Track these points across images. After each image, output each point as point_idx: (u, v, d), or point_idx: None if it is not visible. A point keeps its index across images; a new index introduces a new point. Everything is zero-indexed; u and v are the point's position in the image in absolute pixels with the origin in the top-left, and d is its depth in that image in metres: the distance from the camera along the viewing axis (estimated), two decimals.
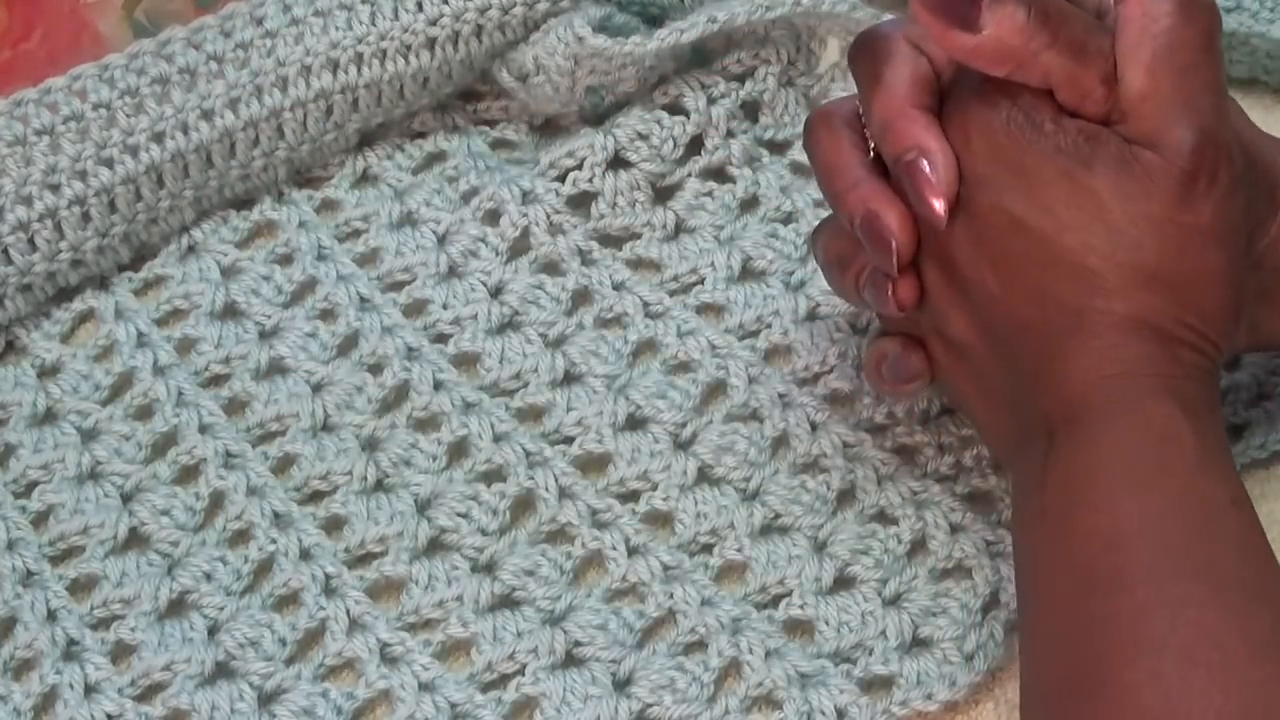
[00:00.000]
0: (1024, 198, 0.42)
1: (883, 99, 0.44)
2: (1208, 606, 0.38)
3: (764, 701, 0.47)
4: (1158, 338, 0.41)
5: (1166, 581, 0.39)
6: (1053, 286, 0.42)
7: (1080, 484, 0.41)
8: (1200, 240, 0.42)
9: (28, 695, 0.48)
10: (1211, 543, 0.40)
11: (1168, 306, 0.42)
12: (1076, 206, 0.42)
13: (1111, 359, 0.41)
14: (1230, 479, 0.41)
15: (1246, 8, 0.59)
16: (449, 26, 0.57)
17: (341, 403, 0.54)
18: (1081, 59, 0.42)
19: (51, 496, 0.52)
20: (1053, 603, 0.41)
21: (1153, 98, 0.42)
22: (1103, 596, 0.39)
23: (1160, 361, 0.41)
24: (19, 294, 0.55)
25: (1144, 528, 0.40)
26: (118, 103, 0.55)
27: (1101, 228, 0.41)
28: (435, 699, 0.47)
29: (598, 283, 0.56)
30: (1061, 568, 0.41)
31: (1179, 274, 0.42)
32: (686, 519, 0.51)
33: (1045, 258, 0.42)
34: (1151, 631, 0.38)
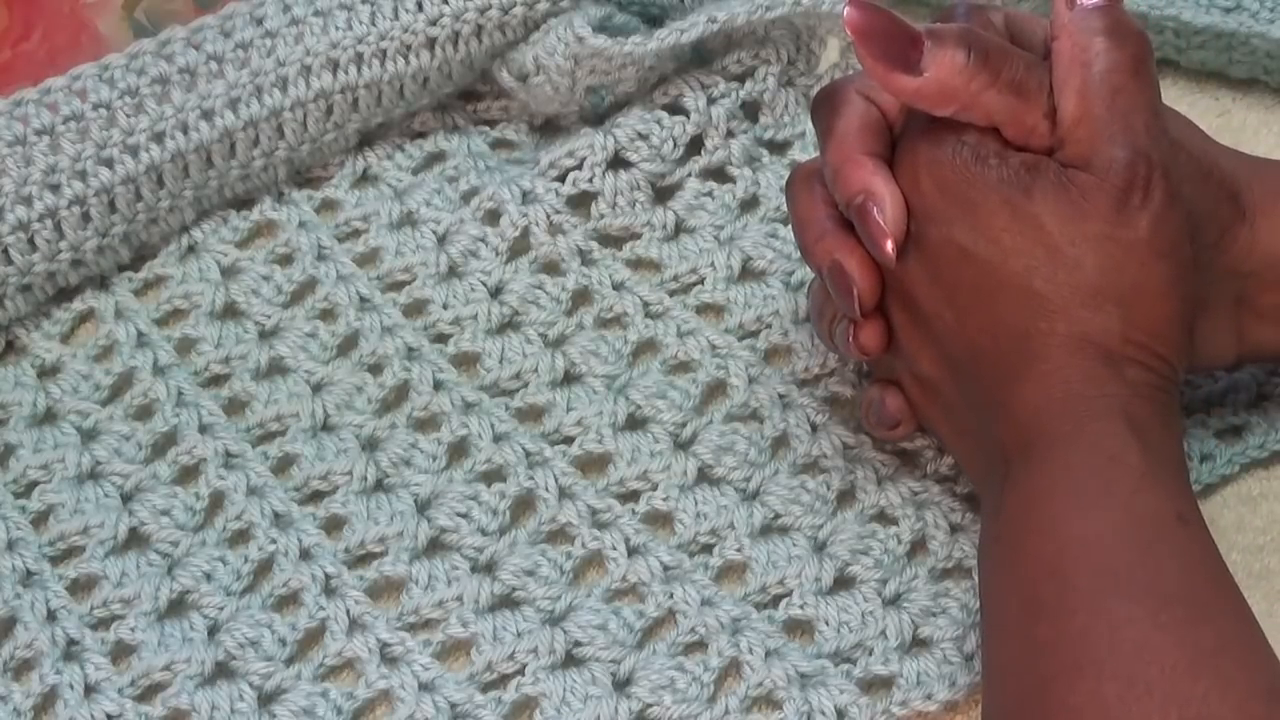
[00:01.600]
0: (970, 229, 0.43)
1: (834, 148, 0.46)
2: (1148, 624, 0.39)
3: (764, 701, 0.47)
4: (1104, 357, 0.42)
5: (1108, 602, 0.39)
6: (1001, 313, 0.43)
7: (1030, 509, 0.42)
8: (1139, 254, 0.42)
9: (28, 695, 0.48)
10: (1155, 560, 0.40)
11: (1112, 323, 0.42)
12: (1019, 233, 0.43)
13: (1058, 381, 0.42)
14: (1178, 495, 0.42)
15: (1246, 8, 0.59)
16: (449, 26, 0.57)
17: (341, 403, 0.54)
18: (1023, 96, 0.43)
19: (51, 496, 0.52)
20: (1004, 628, 0.42)
21: (1085, 121, 0.43)
22: (1047, 621, 0.40)
23: (1106, 381, 0.42)
24: (19, 294, 0.55)
25: (1087, 550, 0.40)
26: (118, 103, 0.55)
27: (1042, 250, 0.43)
28: (435, 699, 0.47)
29: (598, 283, 0.56)
30: (1011, 593, 0.42)
31: (1121, 289, 0.42)
32: (686, 519, 0.51)
33: (993, 285, 0.43)
34: (1092, 654, 0.39)
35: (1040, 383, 0.42)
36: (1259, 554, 0.50)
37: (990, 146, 0.44)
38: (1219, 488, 0.51)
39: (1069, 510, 0.41)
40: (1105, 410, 0.42)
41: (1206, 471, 0.51)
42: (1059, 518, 0.41)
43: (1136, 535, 0.41)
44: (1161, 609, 0.39)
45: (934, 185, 0.44)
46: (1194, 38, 0.59)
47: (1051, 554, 0.41)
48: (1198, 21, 0.59)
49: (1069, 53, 0.43)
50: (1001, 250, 0.43)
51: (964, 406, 0.45)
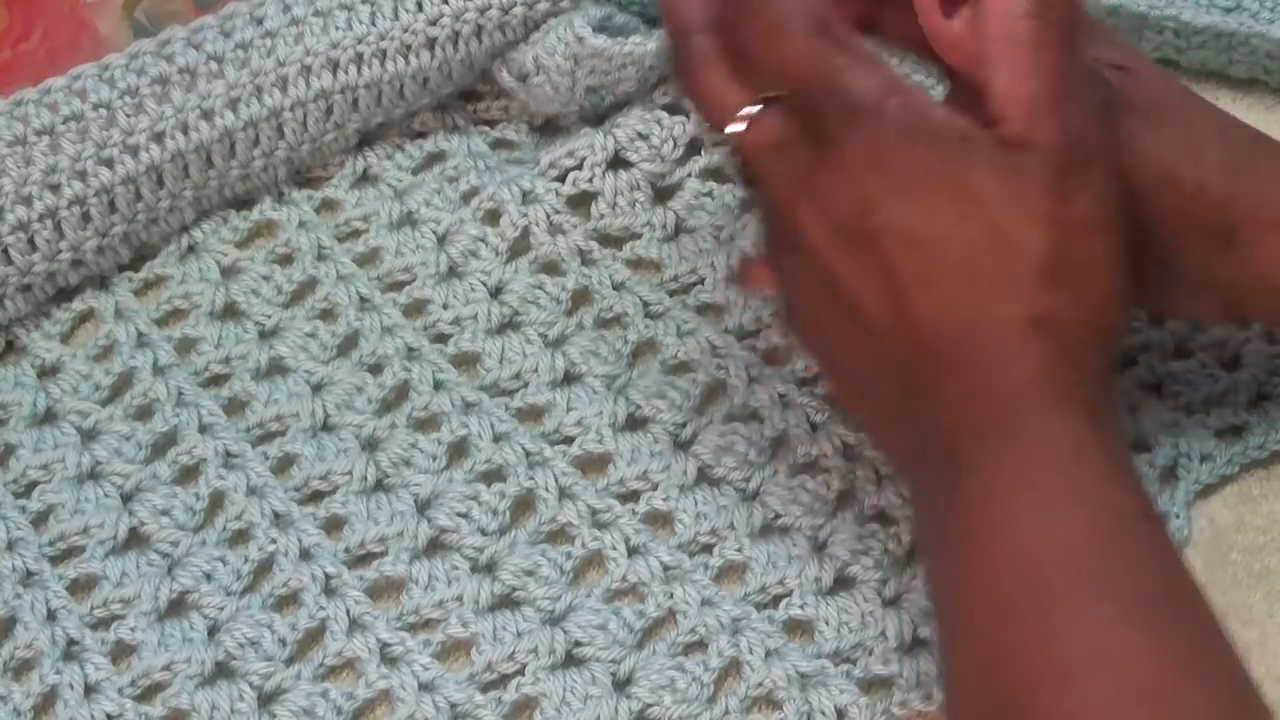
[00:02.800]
0: (911, 212, 0.41)
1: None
2: (1130, 626, 0.38)
3: (764, 701, 0.47)
4: (1057, 340, 0.41)
5: (1086, 603, 0.39)
6: (947, 300, 0.41)
7: (992, 507, 0.41)
8: (1080, 232, 0.41)
9: (28, 695, 0.48)
10: (1127, 560, 0.40)
11: (1062, 304, 0.41)
12: (961, 213, 0.41)
13: (1014, 369, 0.41)
14: (1138, 489, 0.41)
15: (1246, 8, 0.59)
16: (449, 26, 0.57)
17: (341, 403, 0.54)
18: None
19: (51, 496, 0.52)
20: (973, 630, 0.40)
21: (1018, 99, 0.42)
22: (1024, 622, 0.39)
23: (1061, 366, 0.41)
24: (19, 294, 0.55)
25: (1059, 550, 0.40)
26: (118, 103, 0.55)
27: (988, 231, 0.41)
28: (435, 699, 0.47)
29: (598, 283, 0.56)
30: (980, 593, 0.40)
31: (1066, 267, 0.41)
32: (686, 519, 0.51)
33: (938, 270, 0.41)
34: (1077, 657, 0.38)
35: (994, 371, 0.41)
36: (1259, 554, 0.50)
37: (924, 121, 0.42)
38: (1219, 488, 0.51)
39: (1036, 508, 0.40)
40: (1061, 399, 0.40)
41: (1206, 472, 0.51)
42: (1026, 516, 0.40)
43: (1107, 535, 0.40)
44: (1142, 611, 0.39)
45: (868, 170, 0.42)
46: (1194, 38, 0.59)
47: (1022, 554, 0.40)
48: (1198, 21, 0.59)
49: (997, 27, 0.42)
50: (948, 232, 0.41)
51: (898, 400, 0.43)
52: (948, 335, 0.41)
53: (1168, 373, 0.53)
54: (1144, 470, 0.51)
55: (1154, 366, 0.53)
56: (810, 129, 0.42)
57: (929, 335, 0.41)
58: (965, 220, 0.41)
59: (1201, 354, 0.53)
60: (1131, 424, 0.52)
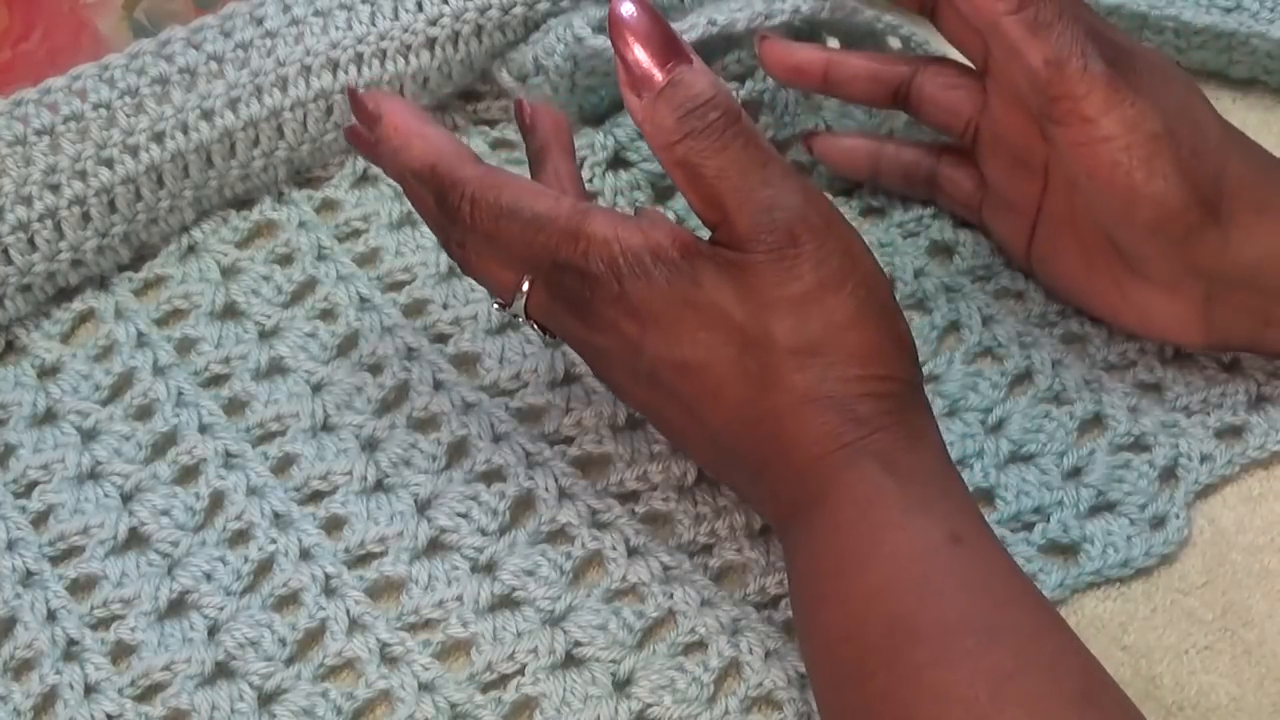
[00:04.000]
0: (671, 341, 0.43)
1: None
2: (941, 664, 0.39)
3: (764, 701, 0.47)
4: (833, 407, 0.42)
5: (900, 653, 0.40)
6: (733, 405, 0.43)
7: (811, 580, 0.43)
8: (815, 300, 0.43)
9: (28, 695, 0.48)
10: (934, 596, 0.40)
11: (824, 372, 0.42)
12: (709, 327, 0.43)
13: (801, 447, 0.43)
14: (948, 514, 0.42)
15: (1246, 8, 0.60)
16: (449, 26, 0.57)
17: (341, 403, 0.54)
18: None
19: (51, 496, 0.52)
20: (821, 701, 0.43)
21: (713, 213, 0.43)
22: (853, 688, 0.40)
23: (843, 429, 0.42)
24: (19, 294, 0.55)
25: (869, 606, 0.41)
26: (118, 103, 0.55)
27: (735, 335, 0.43)
28: (435, 699, 0.47)
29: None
30: (818, 666, 0.42)
31: (814, 339, 0.43)
32: (686, 519, 0.51)
33: (715, 383, 0.43)
34: (900, 710, 0.39)
35: (786, 455, 0.43)
36: (1259, 554, 0.50)
37: (644, 258, 0.43)
38: (1219, 488, 0.51)
39: (846, 571, 0.41)
40: (851, 459, 0.42)
41: (1206, 472, 0.51)
42: (838, 581, 0.42)
43: (912, 575, 0.41)
44: (951, 643, 0.39)
45: (620, 318, 0.44)
46: (1194, 38, 0.59)
47: (841, 619, 0.41)
48: (1198, 21, 0.59)
49: (660, 156, 0.43)
50: (705, 349, 0.43)
51: (743, 486, 0.47)
52: (740, 434, 0.43)
53: (1167, 374, 0.53)
54: (1144, 470, 0.51)
55: (1154, 366, 0.53)
56: (563, 300, 0.45)
57: (728, 439, 0.44)
58: (712, 330, 0.43)
59: (1201, 354, 0.53)
60: (1131, 424, 0.52)
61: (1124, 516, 0.50)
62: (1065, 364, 0.54)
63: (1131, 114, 0.46)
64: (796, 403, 0.42)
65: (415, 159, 0.46)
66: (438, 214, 0.46)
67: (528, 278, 0.45)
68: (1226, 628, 0.49)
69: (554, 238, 0.44)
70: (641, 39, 0.43)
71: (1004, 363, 0.54)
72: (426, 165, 0.46)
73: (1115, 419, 0.52)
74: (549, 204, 0.44)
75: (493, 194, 0.45)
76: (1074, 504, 0.51)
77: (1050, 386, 0.53)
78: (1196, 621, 0.49)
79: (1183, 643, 0.49)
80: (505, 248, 0.45)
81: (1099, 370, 0.53)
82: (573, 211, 0.44)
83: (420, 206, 0.47)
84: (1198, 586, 0.50)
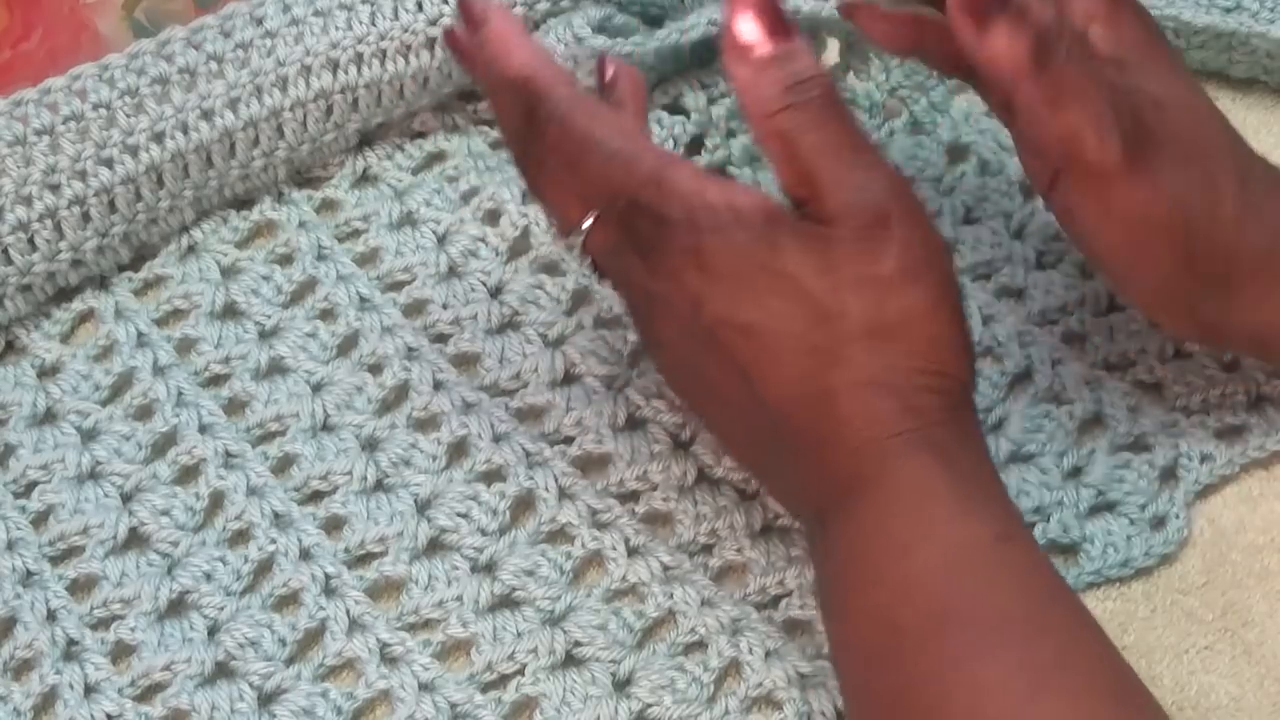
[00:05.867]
0: (738, 301, 0.43)
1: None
2: (983, 654, 0.39)
3: (764, 702, 0.47)
4: (892, 394, 0.42)
5: (942, 641, 0.40)
6: (788, 377, 0.43)
7: (853, 563, 0.42)
8: (892, 286, 0.42)
9: (28, 695, 0.48)
10: (981, 588, 0.40)
11: (890, 359, 0.42)
12: (781, 293, 0.42)
13: (856, 429, 0.42)
14: (996, 514, 0.42)
15: (1246, 8, 0.60)
16: None
17: (341, 403, 0.54)
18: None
19: (51, 496, 0.52)
20: (851, 684, 0.42)
21: (803, 184, 0.43)
22: (889, 671, 0.40)
23: (900, 418, 0.42)
24: (19, 294, 0.55)
25: (912, 592, 0.41)
26: (118, 103, 0.55)
27: (808, 306, 0.42)
28: (435, 699, 0.47)
29: (598, 282, 0.56)
30: (852, 649, 0.42)
31: (887, 324, 0.42)
32: (686, 519, 0.51)
33: (775, 352, 0.43)
34: (936, 696, 0.39)
35: (840, 435, 0.42)
36: (1259, 554, 0.50)
37: (723, 214, 0.43)
38: (1219, 488, 0.51)
39: (891, 555, 0.41)
40: (907, 447, 0.42)
41: (1206, 472, 0.51)
42: (882, 565, 0.41)
43: (960, 566, 0.41)
44: (994, 635, 0.39)
45: (688, 270, 0.43)
46: (1194, 38, 0.59)
47: (882, 603, 0.41)
48: (1198, 21, 0.59)
49: (757, 125, 0.43)
50: (773, 314, 0.43)
51: (773, 467, 0.45)
52: (795, 408, 0.43)
53: (1168, 373, 0.53)
54: (1144, 470, 0.51)
55: (1154, 366, 0.53)
56: (631, 240, 0.44)
57: (781, 411, 0.43)
58: (785, 299, 0.42)
59: (1201, 354, 0.53)
60: (1131, 424, 0.52)
61: (1124, 516, 0.50)
62: (1065, 363, 0.53)
63: (1141, 200, 0.45)
64: (858, 383, 0.42)
65: (513, 68, 0.45)
66: (522, 129, 0.46)
67: (593, 213, 0.44)
68: (1226, 628, 0.49)
69: (637, 177, 0.43)
70: (754, 10, 0.43)
71: (1004, 362, 0.54)
72: (523, 76, 0.45)
73: (1115, 419, 0.52)
74: (638, 144, 0.44)
75: (584, 120, 0.44)
76: (1074, 504, 0.51)
77: (1050, 386, 0.53)
78: (1196, 621, 0.49)
79: (1183, 643, 0.49)
80: (582, 177, 0.44)
81: (1099, 370, 0.53)
82: (660, 156, 0.44)
83: (505, 118, 0.47)
84: (1198, 586, 0.50)
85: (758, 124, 0.43)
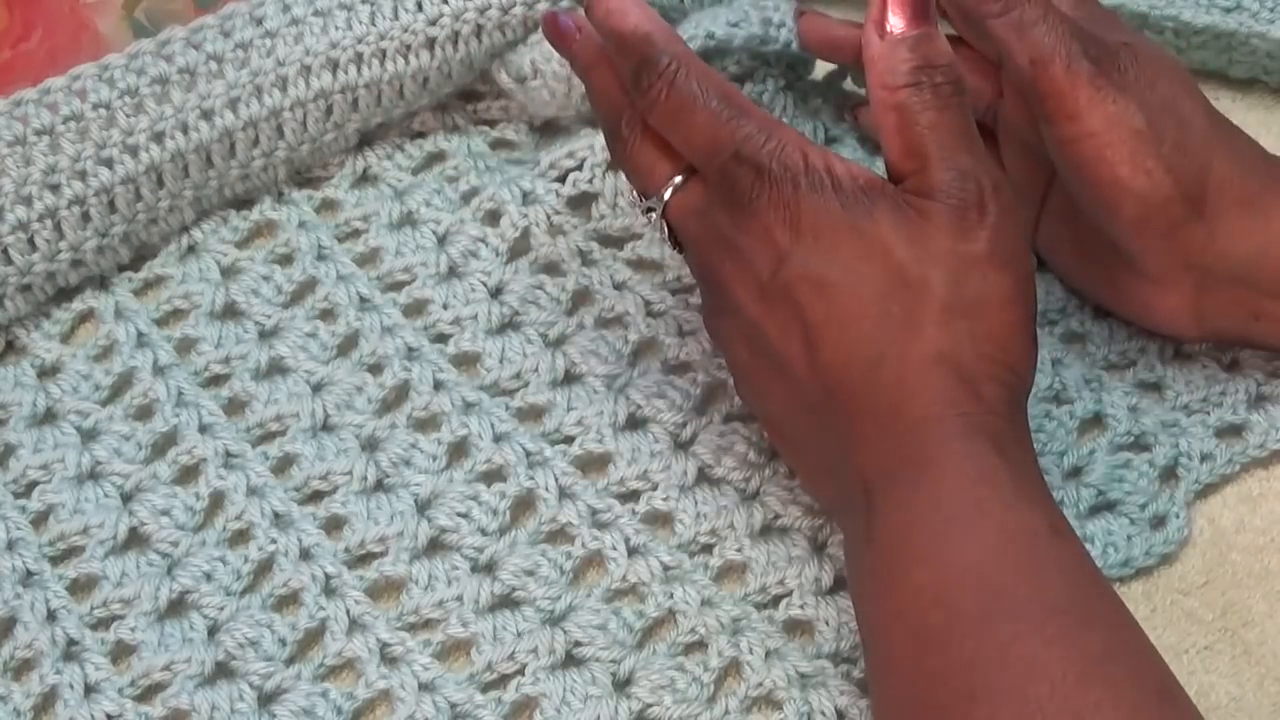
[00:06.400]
0: (824, 259, 0.43)
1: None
2: (1035, 640, 0.39)
3: (764, 702, 0.47)
4: (958, 374, 0.42)
5: (994, 624, 0.40)
6: (856, 341, 0.43)
7: (904, 539, 0.42)
8: (981, 268, 0.43)
9: (28, 695, 0.48)
10: (1035, 575, 0.41)
11: (962, 339, 0.43)
12: (868, 257, 0.43)
13: (917, 404, 0.42)
14: (1048, 508, 0.42)
15: (1246, 8, 0.60)
16: (449, 26, 0.57)
17: (341, 403, 0.54)
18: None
19: (51, 496, 0.52)
20: (891, 661, 0.42)
21: (911, 159, 0.44)
22: (937, 651, 0.40)
23: (963, 399, 0.42)
24: (19, 294, 0.55)
25: (968, 574, 0.41)
26: (118, 103, 0.55)
27: (892, 273, 0.43)
28: (435, 699, 0.47)
29: (598, 283, 0.56)
30: (896, 625, 0.42)
31: (967, 303, 0.43)
32: (686, 519, 0.51)
33: (848, 314, 0.43)
34: (984, 678, 0.39)
35: (898, 407, 0.43)
36: (1259, 554, 0.50)
37: (822, 174, 0.44)
38: (1219, 488, 0.51)
39: (946, 535, 0.41)
40: (967, 429, 0.42)
41: (1206, 471, 0.51)
42: (936, 544, 0.41)
43: (1014, 552, 0.41)
44: (1047, 622, 0.40)
45: (778, 225, 0.44)
46: (1194, 38, 0.59)
47: (934, 582, 0.41)
48: (1198, 21, 0.59)
49: (879, 95, 0.45)
50: (855, 276, 0.43)
51: (817, 442, 0.45)
52: (856, 375, 0.43)
53: (1168, 373, 0.53)
54: (1144, 470, 0.51)
55: (1154, 366, 0.53)
56: (725, 194, 0.45)
57: (839, 376, 0.43)
58: (871, 263, 0.43)
59: (1201, 354, 0.53)
60: (1131, 424, 0.52)
61: (1124, 516, 0.50)
62: (1065, 363, 0.54)
63: (1113, 110, 0.47)
64: (927, 358, 0.43)
65: (630, 24, 0.46)
66: (620, 90, 0.47)
67: (683, 174, 0.46)
68: (1226, 628, 0.49)
69: (745, 130, 0.45)
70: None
71: None
72: (642, 32, 0.46)
73: (1115, 418, 0.52)
74: (745, 102, 0.45)
75: (696, 75, 0.45)
76: (1074, 504, 0.51)
77: (1050, 386, 0.53)
78: (1196, 621, 0.49)
79: (1183, 643, 0.49)
80: (685, 132, 0.45)
81: (1099, 369, 0.53)
82: (766, 116, 0.45)
83: (605, 83, 0.48)
84: (1198, 586, 0.50)
85: (879, 94, 0.44)
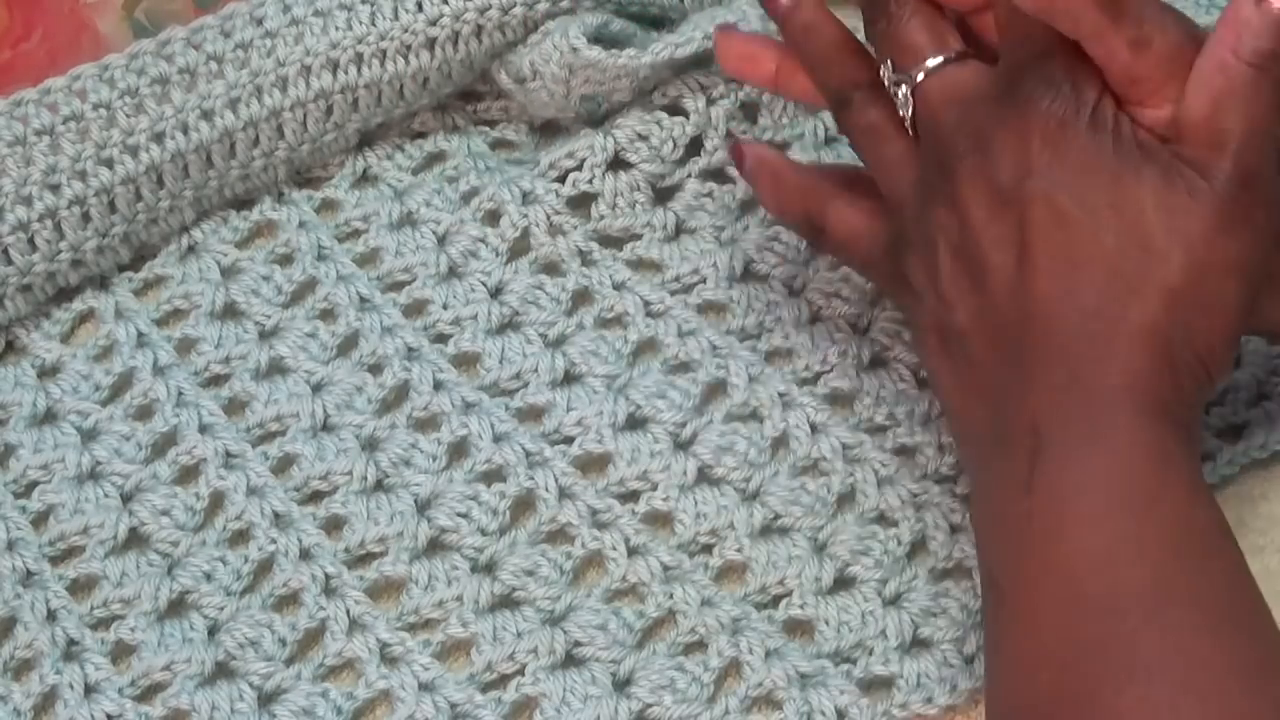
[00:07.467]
0: (1075, 194, 0.42)
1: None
2: (1200, 634, 0.38)
3: (764, 702, 0.47)
4: (1166, 357, 0.41)
5: (1160, 607, 0.39)
6: (1077, 285, 0.42)
7: (1073, 496, 0.41)
8: (1224, 270, 0.42)
9: (28, 695, 0.48)
10: (1203, 572, 0.40)
11: (1179, 328, 0.42)
12: (1120, 210, 0.42)
13: (1118, 369, 0.41)
14: (1217, 509, 0.42)
15: None
16: (449, 26, 0.57)
17: (341, 403, 0.54)
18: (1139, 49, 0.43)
19: (51, 496, 0.52)
20: (1036, 619, 0.41)
21: (1210, 129, 0.42)
22: (1095, 619, 0.39)
23: (1163, 382, 0.41)
24: (19, 294, 0.55)
25: (1139, 551, 0.40)
26: (118, 103, 0.55)
27: (1138, 235, 0.42)
28: (435, 699, 0.47)
29: (598, 283, 0.56)
30: (1049, 583, 0.40)
31: (1198, 297, 0.42)
32: (686, 519, 0.51)
33: (1079, 256, 0.42)
34: (1143, 658, 0.38)
35: (1097, 366, 0.41)
36: (1259, 554, 0.50)
37: (1108, 115, 0.43)
38: (1219, 488, 0.51)
39: (1118, 507, 0.40)
40: (1157, 410, 0.41)
41: (1207, 471, 0.51)
42: (1106, 514, 0.40)
43: (1186, 545, 0.40)
44: (1210, 619, 0.39)
45: (1045, 140, 0.43)
46: None
47: (1100, 550, 0.40)
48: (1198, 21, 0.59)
49: (1219, 53, 0.42)
50: (1098, 221, 0.42)
51: (990, 368, 0.44)
52: (1062, 319, 0.42)
53: None
54: None
55: None
56: (1006, 87, 0.44)
57: (1044, 314, 0.42)
58: (1118, 215, 0.42)
59: None
60: None
61: None
62: None
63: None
64: (1143, 329, 0.41)
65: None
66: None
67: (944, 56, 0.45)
68: None
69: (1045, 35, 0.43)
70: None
71: None
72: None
73: None
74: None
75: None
76: None
77: None
78: None
79: None
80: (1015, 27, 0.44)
81: None
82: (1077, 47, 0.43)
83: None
84: None
85: (1222, 53, 0.42)
